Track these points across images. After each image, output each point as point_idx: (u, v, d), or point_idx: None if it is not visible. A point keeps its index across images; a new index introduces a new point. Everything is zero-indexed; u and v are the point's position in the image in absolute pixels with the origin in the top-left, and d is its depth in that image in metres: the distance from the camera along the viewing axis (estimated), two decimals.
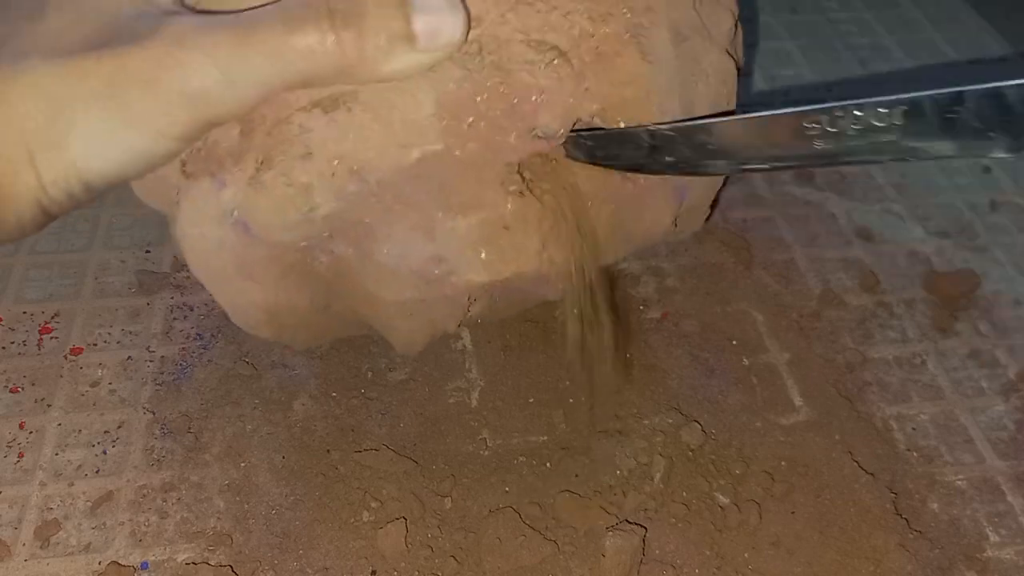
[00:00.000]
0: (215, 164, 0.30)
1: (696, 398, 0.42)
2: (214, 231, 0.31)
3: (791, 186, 0.55)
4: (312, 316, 0.35)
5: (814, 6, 0.71)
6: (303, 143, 0.29)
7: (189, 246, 0.32)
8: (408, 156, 0.29)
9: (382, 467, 0.38)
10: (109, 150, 0.26)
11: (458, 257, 0.32)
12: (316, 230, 0.31)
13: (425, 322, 0.35)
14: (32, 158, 0.26)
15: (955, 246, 0.51)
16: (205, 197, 0.30)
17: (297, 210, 0.30)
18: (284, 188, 0.29)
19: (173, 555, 0.36)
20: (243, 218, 0.30)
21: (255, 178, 0.29)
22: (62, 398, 0.41)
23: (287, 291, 0.33)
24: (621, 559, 0.35)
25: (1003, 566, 0.37)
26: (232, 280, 0.32)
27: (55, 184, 0.26)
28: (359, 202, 0.30)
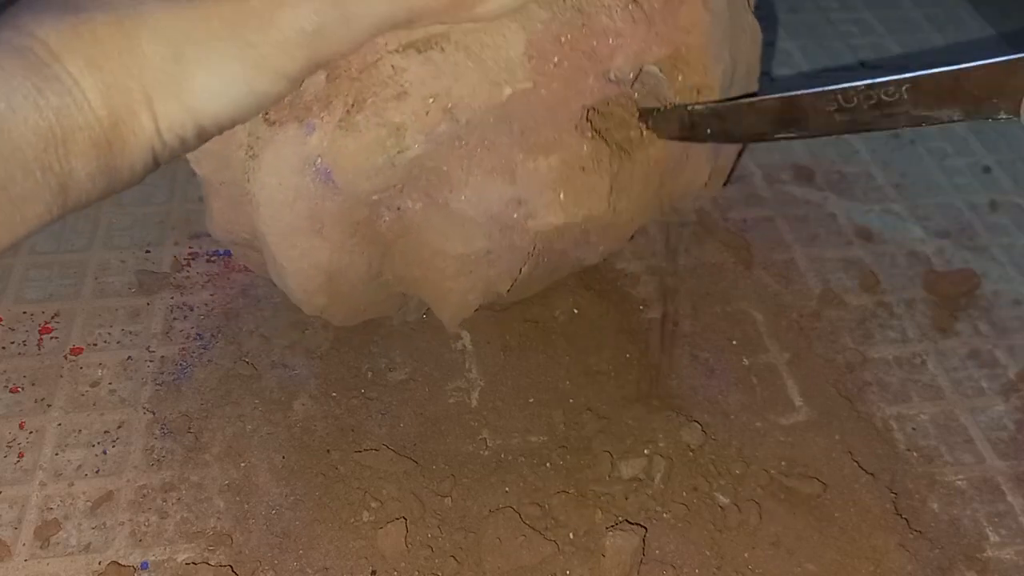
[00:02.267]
0: (301, 110, 0.31)
1: (696, 398, 0.42)
2: (294, 180, 0.32)
3: (791, 186, 0.55)
4: (364, 284, 0.36)
5: (814, 6, 0.71)
6: (397, 83, 0.30)
7: (265, 198, 0.32)
8: (500, 93, 0.30)
9: (382, 467, 0.38)
10: (227, 92, 0.27)
11: (538, 199, 0.33)
12: (396, 178, 0.32)
13: (481, 281, 0.35)
14: (151, 102, 0.26)
15: (955, 246, 0.51)
16: (290, 144, 0.31)
17: (386, 152, 0.31)
18: (376, 129, 0.30)
19: (173, 555, 0.36)
20: (327, 165, 0.31)
21: (345, 120, 0.30)
22: (62, 398, 0.41)
23: (350, 252, 0.34)
24: (621, 559, 0.35)
25: (1003, 566, 0.37)
26: (302, 236, 0.33)
27: (171, 129, 0.27)
28: (445, 145, 0.31)
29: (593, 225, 0.35)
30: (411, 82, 0.30)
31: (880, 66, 0.64)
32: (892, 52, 0.66)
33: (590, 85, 0.32)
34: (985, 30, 0.69)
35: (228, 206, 0.35)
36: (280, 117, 0.31)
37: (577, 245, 0.37)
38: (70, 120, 0.26)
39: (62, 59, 0.26)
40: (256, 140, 0.32)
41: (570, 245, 0.36)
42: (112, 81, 0.26)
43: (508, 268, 0.36)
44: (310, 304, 0.36)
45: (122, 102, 0.26)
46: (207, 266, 0.47)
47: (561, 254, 0.37)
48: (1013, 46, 0.67)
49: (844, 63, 0.65)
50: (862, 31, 0.68)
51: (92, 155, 0.26)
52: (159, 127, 0.27)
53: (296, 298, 0.36)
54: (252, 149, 0.32)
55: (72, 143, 0.26)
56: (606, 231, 0.37)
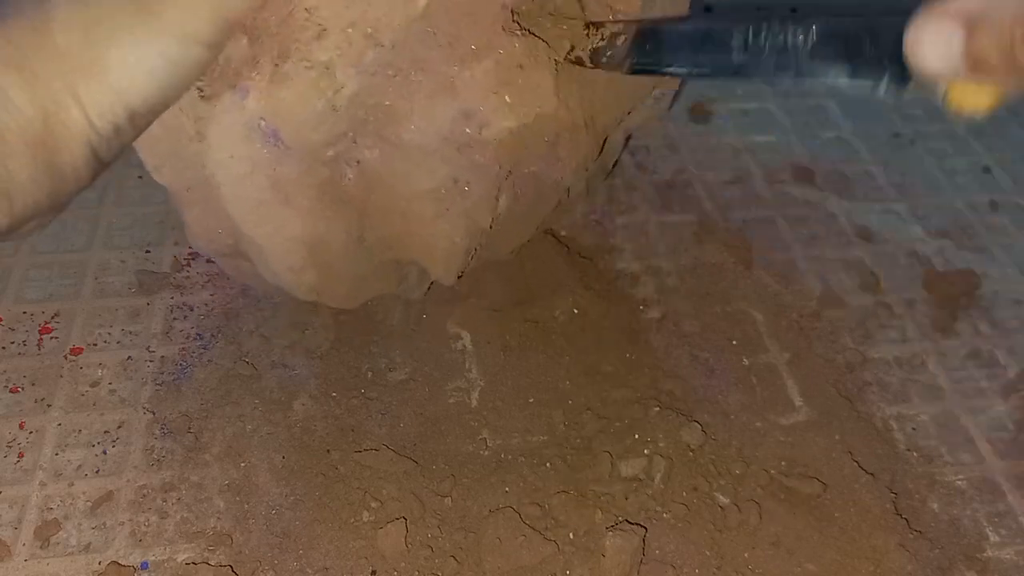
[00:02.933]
0: (232, 76, 0.31)
1: (696, 398, 0.42)
2: (244, 149, 0.32)
3: (791, 186, 0.55)
4: (349, 251, 0.36)
5: (814, 6, 0.71)
6: (314, 23, 0.30)
7: (223, 176, 0.32)
8: (415, 5, 0.30)
9: (382, 467, 0.38)
10: (145, 66, 0.27)
11: (484, 105, 0.33)
12: (342, 123, 0.32)
13: (461, 217, 0.35)
14: (76, 92, 0.27)
15: (955, 246, 0.51)
16: (230, 114, 0.31)
17: (322, 94, 0.31)
18: (305, 72, 0.30)
19: (173, 555, 0.36)
20: (271, 125, 0.31)
21: (275, 73, 0.30)
22: (62, 398, 0.41)
23: (323, 217, 0.34)
24: (621, 559, 0.35)
25: (1003, 566, 0.37)
26: (269, 208, 0.33)
27: (102, 116, 0.27)
28: (379, 77, 0.31)
29: (551, 129, 0.34)
30: (326, 17, 0.30)
31: None
32: None
33: None
34: None
35: (201, 214, 0.35)
36: (214, 90, 0.31)
37: (548, 163, 0.36)
38: (1, 124, 0.26)
39: None
40: (199, 121, 0.32)
41: (540, 164, 0.36)
42: (33, 78, 0.26)
43: (483, 195, 0.35)
44: (301, 283, 0.36)
45: (48, 97, 0.26)
46: (207, 266, 0.47)
47: (535, 178, 0.36)
48: None
49: None
50: None
51: (28, 156, 0.26)
52: (89, 116, 0.27)
53: (286, 281, 0.36)
54: (200, 133, 0.32)
55: (6, 146, 0.26)
56: (572, 140, 0.36)
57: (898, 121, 0.60)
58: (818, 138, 0.58)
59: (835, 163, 0.56)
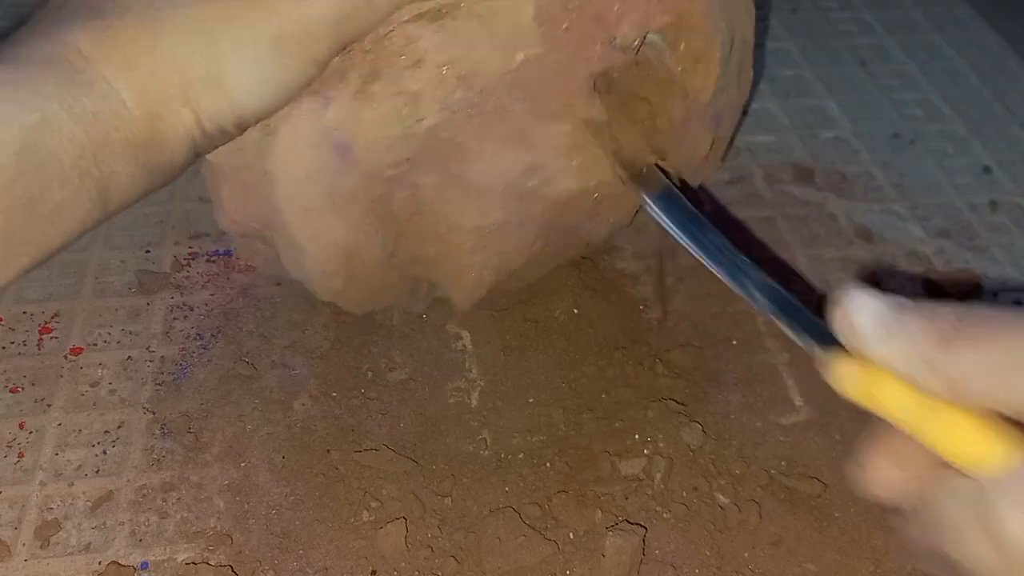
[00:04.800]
0: (318, 83, 0.31)
1: (696, 398, 0.42)
2: (312, 155, 0.32)
3: (791, 186, 0.55)
4: (379, 265, 0.36)
5: (814, 6, 0.71)
6: (411, 53, 0.30)
7: (283, 174, 0.33)
8: (512, 59, 0.31)
9: (382, 467, 0.38)
10: (261, 81, 0.28)
11: (552, 164, 0.34)
12: (412, 149, 0.32)
13: (496, 255, 0.36)
14: (187, 97, 0.27)
15: (955, 246, 0.51)
16: (307, 118, 0.31)
17: (402, 121, 0.31)
18: (392, 98, 0.31)
19: (173, 555, 0.36)
20: (345, 138, 0.31)
21: (362, 91, 0.31)
22: (62, 398, 0.41)
23: (366, 230, 0.34)
24: (621, 559, 0.35)
25: None
26: (319, 214, 0.33)
27: (212, 120, 0.28)
28: (460, 116, 0.32)
29: (603, 193, 0.36)
30: (425, 50, 0.30)
31: (880, 63, 0.65)
32: (892, 52, 0.66)
33: (597, 52, 0.32)
34: (985, 30, 0.69)
35: (239, 193, 0.35)
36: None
37: (588, 218, 0.37)
38: (106, 123, 0.26)
39: (95, 63, 0.26)
40: (273, 117, 0.32)
41: (581, 218, 0.37)
42: (147, 80, 0.26)
43: (522, 241, 0.36)
44: (327, 287, 0.36)
45: (159, 99, 0.27)
46: (207, 266, 0.47)
47: (571, 229, 0.37)
48: (1013, 46, 0.67)
49: (844, 63, 0.65)
50: (862, 31, 0.68)
51: (130, 155, 0.27)
52: (200, 119, 0.27)
53: (313, 281, 0.36)
54: (268, 126, 0.32)
55: (109, 146, 0.26)
56: (615, 202, 0.37)
57: (898, 121, 0.60)
58: (818, 138, 0.58)
59: (835, 163, 0.56)
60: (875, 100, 0.62)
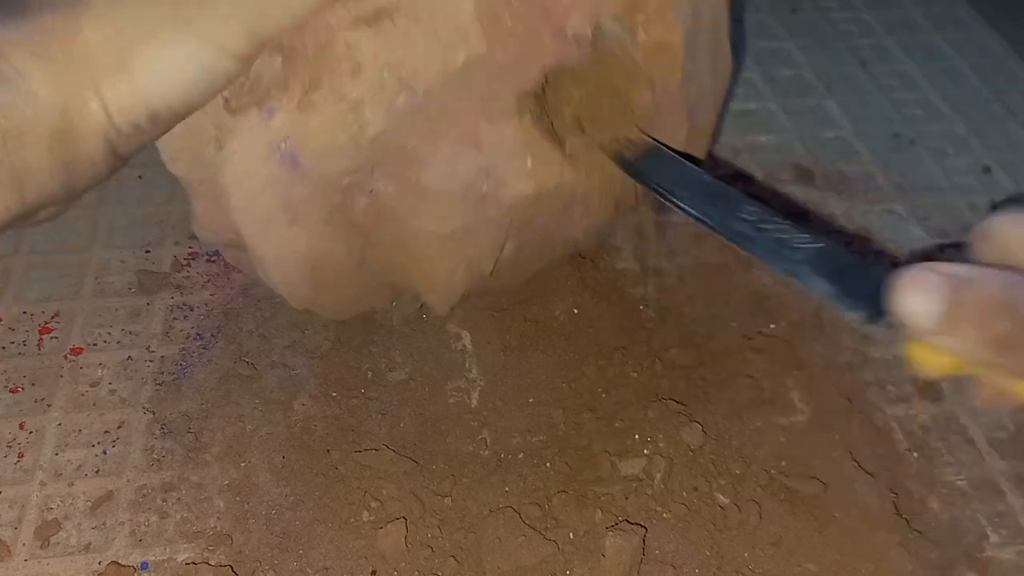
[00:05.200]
0: (261, 94, 0.31)
1: (696, 398, 0.42)
2: (261, 167, 0.31)
3: (791, 186, 0.55)
4: (348, 272, 0.36)
5: (814, 6, 0.71)
6: (351, 59, 0.30)
7: (236, 189, 0.32)
8: (454, 60, 0.30)
9: (382, 467, 0.38)
10: (172, 71, 0.27)
11: (505, 166, 0.32)
12: (362, 158, 0.31)
13: (463, 260, 0.35)
14: (98, 88, 0.27)
15: (955, 246, 0.51)
16: (253, 131, 0.31)
17: (347, 129, 0.31)
18: (335, 105, 0.30)
19: (173, 555, 0.36)
20: (292, 149, 0.31)
21: (304, 100, 0.30)
22: (62, 398, 0.41)
23: (328, 239, 0.34)
24: (621, 559, 0.35)
25: (1003, 566, 0.37)
26: (277, 225, 0.33)
27: (121, 114, 0.27)
28: (406, 120, 0.31)
29: (566, 194, 0.34)
30: (364, 56, 0.30)
31: (880, 63, 0.65)
32: (892, 52, 0.66)
33: (547, 45, 0.31)
34: (985, 30, 0.69)
35: (210, 206, 0.35)
36: (241, 104, 0.31)
37: (560, 220, 0.36)
38: (19, 113, 0.26)
39: (7, 55, 0.26)
40: (221, 130, 0.32)
41: (552, 220, 0.36)
42: (58, 70, 0.26)
43: (489, 245, 0.35)
44: (296, 296, 0.36)
45: (70, 91, 0.26)
46: (207, 266, 0.47)
47: (545, 230, 0.36)
48: (1013, 46, 0.67)
49: (844, 63, 0.65)
50: (862, 31, 0.68)
51: (45, 147, 0.26)
52: (109, 113, 0.27)
53: (281, 291, 0.36)
54: (219, 140, 0.32)
55: (24, 136, 0.26)
56: (587, 202, 0.36)
57: (898, 121, 0.60)
58: (818, 138, 0.58)
59: (835, 163, 0.56)
60: (875, 100, 0.62)
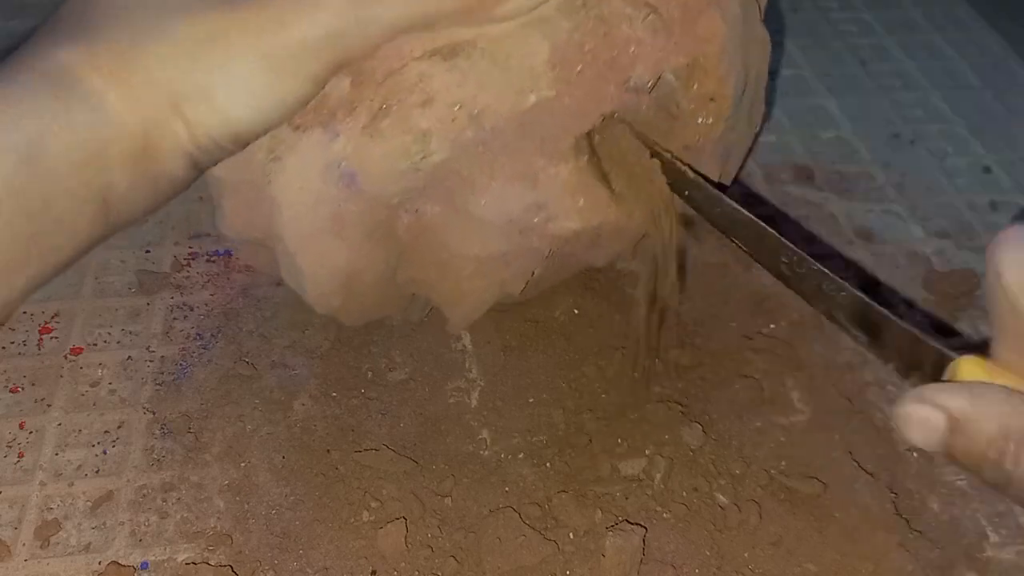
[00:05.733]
0: (326, 115, 0.31)
1: (696, 398, 0.42)
2: (317, 185, 0.32)
3: (791, 186, 0.55)
4: (379, 285, 0.36)
5: (814, 6, 0.71)
6: (422, 90, 0.30)
7: (287, 201, 0.33)
8: (524, 101, 0.31)
9: (382, 467, 0.38)
10: (252, 97, 0.28)
11: (557, 204, 0.34)
12: (419, 181, 0.32)
13: (496, 283, 0.36)
14: (180, 108, 0.27)
15: (955, 246, 0.51)
16: (314, 149, 0.31)
17: (410, 158, 0.31)
18: (402, 135, 0.31)
19: (173, 555, 0.36)
20: (351, 169, 0.31)
21: (370, 126, 0.31)
22: (62, 398, 0.41)
23: (368, 254, 0.34)
24: (621, 559, 0.35)
25: (1003, 566, 0.37)
26: (322, 239, 0.33)
27: (206, 134, 0.28)
28: (469, 151, 0.32)
29: (607, 230, 0.36)
30: (437, 89, 0.30)
31: (885, 69, 0.65)
32: (892, 52, 0.66)
33: (610, 93, 0.32)
34: (985, 30, 0.69)
35: (244, 206, 0.35)
36: (305, 122, 0.31)
37: (588, 248, 0.37)
38: (102, 134, 0.26)
39: (87, 77, 0.26)
40: (279, 144, 0.32)
41: (581, 248, 0.37)
42: (138, 93, 0.27)
43: (523, 269, 0.36)
44: (324, 305, 0.37)
45: (150, 112, 0.27)
46: (207, 266, 0.47)
47: (570, 256, 0.37)
48: (1013, 46, 0.67)
49: (844, 63, 0.65)
50: (862, 31, 0.68)
51: (128, 166, 0.27)
52: (193, 134, 0.28)
53: (310, 298, 0.36)
54: (274, 152, 0.32)
55: (107, 157, 0.26)
56: (618, 235, 0.37)
57: (898, 121, 0.60)
58: (818, 138, 0.58)
59: (835, 163, 0.56)
60: (875, 100, 0.62)
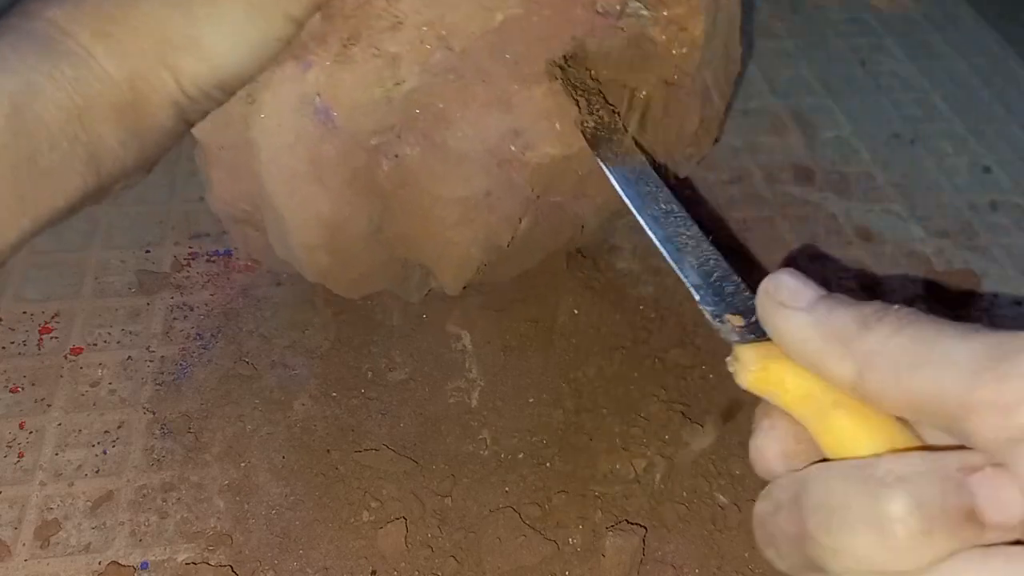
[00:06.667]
0: (298, 48, 0.31)
1: (696, 398, 0.42)
2: (293, 120, 0.32)
3: (791, 186, 0.55)
4: (364, 241, 0.36)
5: (814, 6, 0.71)
6: (391, 15, 0.31)
7: (265, 142, 0.33)
8: (492, 19, 0.31)
9: (382, 467, 0.38)
10: (240, 41, 0.28)
11: (533, 128, 0.33)
12: (393, 115, 0.32)
13: (482, 230, 0.35)
14: (166, 58, 0.28)
15: (955, 246, 0.51)
16: (288, 83, 0.31)
17: (382, 85, 0.31)
18: (372, 60, 0.31)
19: (173, 555, 0.36)
20: (326, 103, 0.31)
21: (342, 53, 0.31)
22: (62, 398, 0.41)
23: (350, 202, 0.34)
24: (621, 559, 0.35)
25: None
26: (301, 183, 0.33)
27: (193, 84, 0.28)
28: (440, 79, 0.31)
29: (585, 164, 0.35)
30: (405, 12, 0.31)
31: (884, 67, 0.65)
32: (892, 52, 0.66)
33: (579, 15, 0.32)
34: (985, 30, 0.69)
35: (228, 175, 0.35)
36: (278, 58, 0.31)
37: (574, 196, 0.37)
38: (89, 88, 0.27)
39: (72, 33, 0.27)
40: (254, 84, 0.32)
41: (567, 196, 0.36)
42: (124, 46, 0.27)
43: (508, 214, 0.36)
44: (312, 262, 0.36)
45: (138, 64, 0.27)
46: (207, 266, 0.47)
47: (558, 208, 0.37)
48: (1013, 46, 0.67)
49: (844, 63, 0.65)
50: (862, 31, 0.68)
51: (116, 119, 0.27)
52: (180, 83, 0.28)
53: (299, 258, 0.36)
54: (251, 95, 0.32)
55: (95, 110, 0.27)
56: (601, 179, 0.36)
57: (898, 121, 0.60)
58: (818, 138, 0.58)
59: (835, 163, 0.56)
60: (875, 100, 0.62)
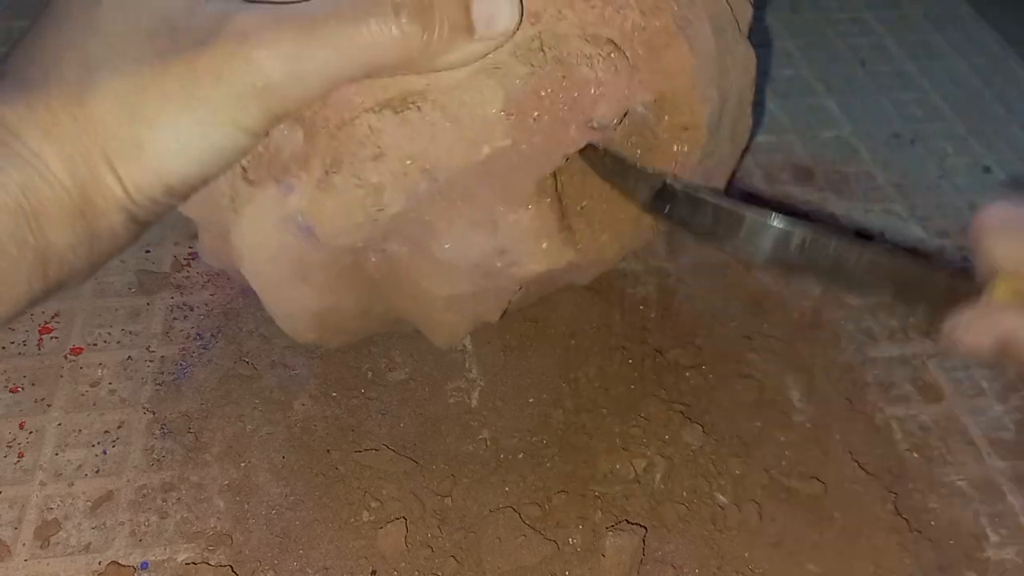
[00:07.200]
0: (279, 169, 0.30)
1: (696, 398, 0.42)
2: (275, 237, 0.31)
3: (791, 186, 0.55)
4: (355, 319, 0.36)
5: (814, 6, 0.71)
6: (374, 143, 0.29)
7: (248, 254, 0.32)
8: (478, 153, 0.30)
9: (382, 467, 0.38)
10: (185, 148, 0.27)
11: (520, 248, 0.33)
12: (379, 231, 0.31)
13: (470, 314, 0.36)
14: (113, 166, 0.27)
15: (955, 246, 0.51)
16: (269, 203, 0.31)
17: (365, 211, 0.30)
18: (355, 190, 0.30)
19: (173, 555, 0.36)
20: (308, 223, 0.31)
21: (324, 181, 0.30)
22: (62, 398, 0.41)
23: (337, 294, 0.34)
24: (621, 559, 0.35)
25: (1003, 566, 0.37)
26: (287, 286, 0.33)
27: (140, 190, 0.27)
28: (426, 201, 0.31)
29: (577, 266, 0.35)
30: (387, 144, 0.29)
31: (882, 68, 0.65)
32: (892, 52, 0.66)
33: (572, 135, 0.31)
34: (985, 30, 0.69)
35: (218, 241, 0.35)
36: (259, 176, 0.31)
37: (565, 274, 0.37)
38: (37, 193, 0.26)
39: (20, 135, 0.26)
40: (237, 195, 0.31)
41: (560, 275, 0.36)
42: (72, 150, 0.26)
43: (496, 303, 0.36)
44: (302, 338, 0.37)
45: (85, 169, 0.26)
46: (207, 266, 0.47)
47: (548, 282, 0.37)
48: (1013, 46, 0.67)
49: (844, 63, 0.65)
50: (862, 31, 0.68)
51: (66, 224, 0.26)
52: (127, 189, 0.27)
53: (286, 331, 0.36)
54: (234, 203, 0.31)
55: (44, 215, 0.26)
56: (592, 267, 0.37)
57: (898, 121, 0.60)
58: (818, 138, 0.58)
59: (835, 163, 0.56)
60: (875, 100, 0.62)
